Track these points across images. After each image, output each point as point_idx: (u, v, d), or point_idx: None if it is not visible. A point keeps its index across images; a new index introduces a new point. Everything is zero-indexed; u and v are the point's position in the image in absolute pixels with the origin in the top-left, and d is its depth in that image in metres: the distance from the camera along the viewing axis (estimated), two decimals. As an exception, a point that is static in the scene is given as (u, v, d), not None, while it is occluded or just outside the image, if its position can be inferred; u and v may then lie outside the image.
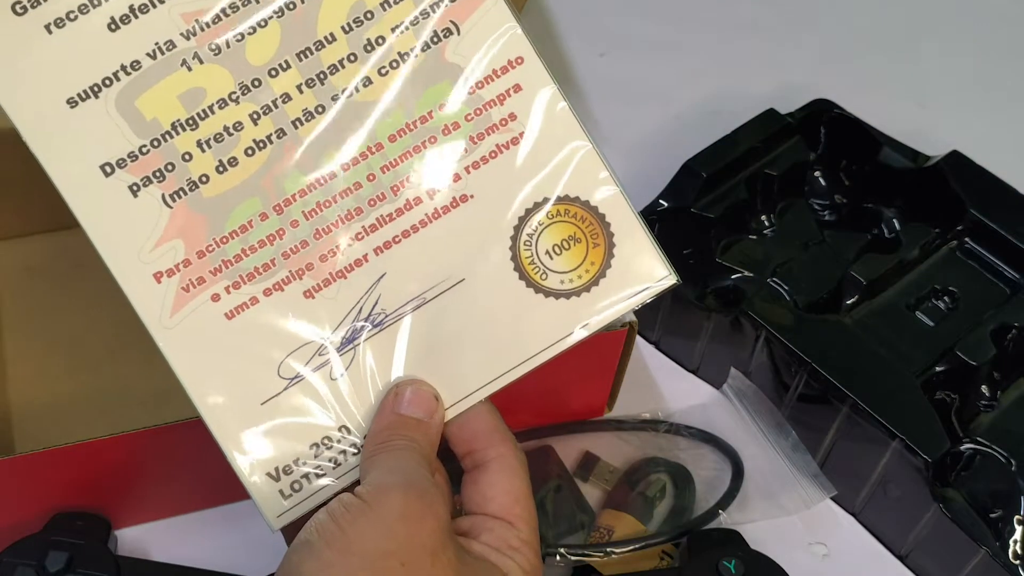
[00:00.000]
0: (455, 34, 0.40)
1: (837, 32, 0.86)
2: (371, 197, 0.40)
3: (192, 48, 0.39)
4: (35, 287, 0.63)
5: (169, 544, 0.52)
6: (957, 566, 0.53)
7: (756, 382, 0.59)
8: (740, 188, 0.65)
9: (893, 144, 0.67)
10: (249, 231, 0.39)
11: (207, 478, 0.52)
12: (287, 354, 0.39)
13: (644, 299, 0.41)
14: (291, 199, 0.39)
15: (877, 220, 0.67)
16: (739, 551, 0.50)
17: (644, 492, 0.56)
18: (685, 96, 0.79)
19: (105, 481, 0.50)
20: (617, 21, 0.83)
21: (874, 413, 0.53)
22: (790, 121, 0.68)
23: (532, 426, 0.59)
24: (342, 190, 0.40)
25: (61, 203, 0.38)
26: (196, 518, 0.53)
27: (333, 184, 0.39)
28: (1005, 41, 0.87)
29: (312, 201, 0.39)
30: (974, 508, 0.54)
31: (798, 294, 0.61)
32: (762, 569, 0.50)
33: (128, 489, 0.51)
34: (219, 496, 0.54)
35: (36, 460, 0.46)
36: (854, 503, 0.57)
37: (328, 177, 0.40)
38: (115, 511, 0.51)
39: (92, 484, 0.49)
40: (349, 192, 0.40)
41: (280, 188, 0.39)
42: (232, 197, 0.39)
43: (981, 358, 0.57)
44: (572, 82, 0.78)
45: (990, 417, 0.58)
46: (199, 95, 0.39)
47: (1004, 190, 0.65)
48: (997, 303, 0.61)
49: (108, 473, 0.49)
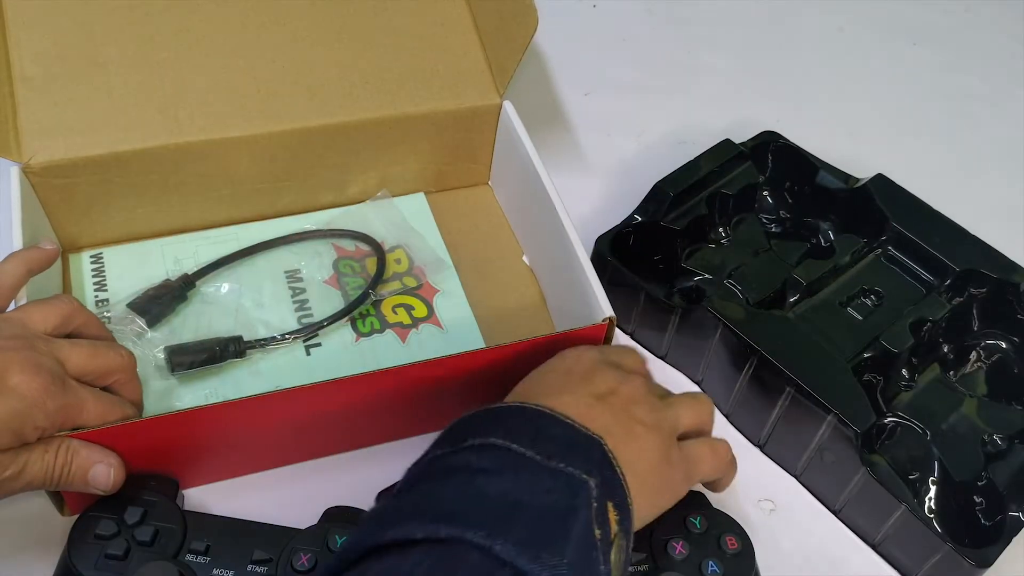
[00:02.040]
0: None
1: (782, 76, 0.86)
2: None
3: None
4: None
5: (228, 500, 0.52)
6: (882, 519, 0.53)
7: (714, 367, 0.59)
8: (701, 205, 0.65)
9: (828, 168, 0.67)
10: None
11: (261, 445, 0.52)
12: None
13: None
14: None
15: (815, 232, 0.67)
16: (703, 509, 0.50)
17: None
18: (655, 128, 0.79)
19: (174, 449, 0.50)
20: (599, 66, 0.83)
21: (813, 392, 0.53)
22: (743, 149, 0.68)
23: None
24: None
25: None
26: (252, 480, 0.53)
27: None
28: (920, 84, 0.87)
29: None
30: (896, 471, 0.54)
31: (749, 293, 0.61)
32: (722, 524, 0.50)
33: (194, 455, 0.51)
34: (271, 461, 0.54)
35: (117, 432, 0.46)
36: (796, 467, 0.57)
37: None
38: (182, 473, 0.51)
39: (163, 451, 0.49)
40: None
41: None
42: None
43: (901, 346, 0.57)
44: (561, 117, 0.78)
45: (909, 395, 0.58)
46: None
47: (921, 207, 0.65)
48: (915, 301, 0.61)
49: (175, 442, 0.49)
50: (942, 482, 0.54)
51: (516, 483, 0.38)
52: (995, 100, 0.87)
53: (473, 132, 0.66)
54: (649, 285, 0.60)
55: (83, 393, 0.45)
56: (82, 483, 0.45)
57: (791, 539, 0.55)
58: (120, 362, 0.48)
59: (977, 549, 0.49)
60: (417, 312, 0.61)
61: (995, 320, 0.62)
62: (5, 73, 0.56)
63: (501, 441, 0.40)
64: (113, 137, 0.57)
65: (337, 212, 0.65)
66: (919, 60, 0.90)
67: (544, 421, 0.42)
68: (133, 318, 0.57)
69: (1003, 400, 0.59)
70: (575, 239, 0.57)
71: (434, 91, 0.63)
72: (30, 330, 0.45)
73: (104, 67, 0.58)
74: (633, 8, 0.90)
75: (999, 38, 0.93)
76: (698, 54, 0.87)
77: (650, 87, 0.83)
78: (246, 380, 0.56)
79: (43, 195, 0.57)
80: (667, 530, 0.49)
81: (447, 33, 0.65)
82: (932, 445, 0.55)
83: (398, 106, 0.62)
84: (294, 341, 0.58)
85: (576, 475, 0.39)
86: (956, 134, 0.83)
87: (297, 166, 0.62)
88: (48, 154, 0.55)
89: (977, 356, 0.61)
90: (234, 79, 0.59)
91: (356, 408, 0.51)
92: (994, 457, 0.55)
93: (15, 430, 0.41)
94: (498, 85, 0.65)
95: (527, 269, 0.66)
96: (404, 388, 0.51)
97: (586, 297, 0.55)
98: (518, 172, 0.64)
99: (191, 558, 0.46)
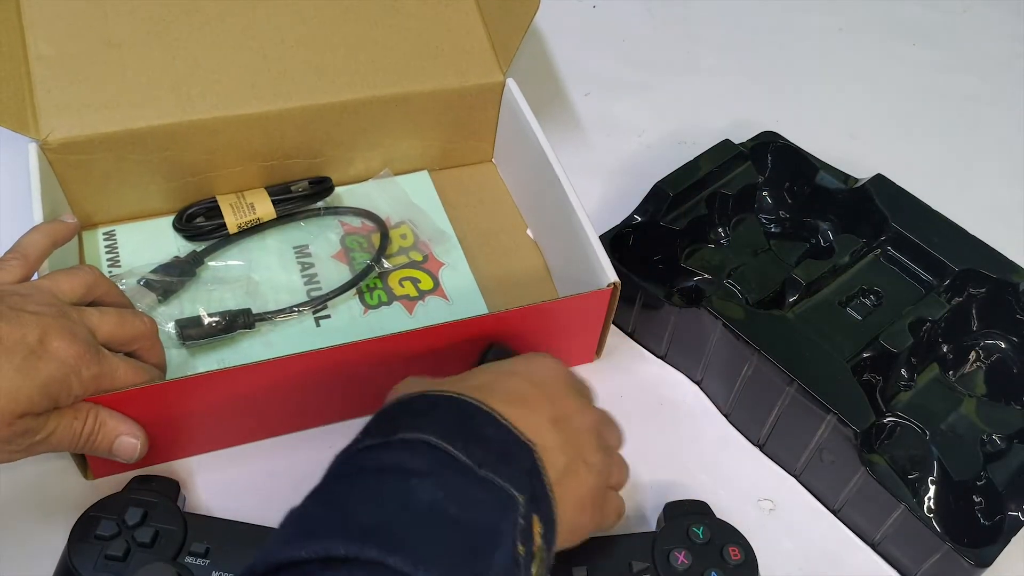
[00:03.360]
0: None
1: (782, 76, 0.86)
2: None
3: None
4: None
5: (229, 503, 0.52)
6: (881, 518, 0.53)
7: (714, 367, 0.59)
8: (701, 205, 0.65)
9: (828, 169, 0.67)
10: None
11: (275, 409, 0.53)
12: None
13: None
14: None
15: (815, 232, 0.67)
16: (707, 519, 0.50)
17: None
18: (655, 129, 0.79)
19: (191, 414, 0.51)
20: (599, 67, 0.83)
21: (812, 392, 0.53)
22: (742, 149, 0.68)
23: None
24: None
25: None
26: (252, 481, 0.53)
27: None
28: (920, 84, 0.87)
29: None
30: (895, 470, 0.54)
31: (749, 293, 0.61)
32: (725, 534, 0.49)
33: (211, 421, 0.52)
34: (283, 426, 0.55)
35: (143, 394, 0.47)
36: (795, 467, 0.57)
37: None
38: (197, 439, 0.52)
39: (182, 416, 0.50)
40: None
41: None
42: None
43: (900, 346, 0.57)
44: (561, 117, 0.78)
45: (908, 395, 0.58)
46: None
47: (920, 207, 0.65)
48: (914, 301, 0.61)
49: (194, 406, 0.50)
50: (941, 482, 0.54)
51: (447, 491, 0.36)
52: (995, 100, 0.87)
53: (477, 110, 0.67)
54: (649, 285, 0.60)
55: (115, 361, 0.46)
56: (106, 451, 0.47)
57: (790, 539, 0.55)
58: (144, 328, 0.49)
59: (976, 549, 0.49)
60: (423, 285, 0.63)
61: (994, 320, 0.62)
62: (21, 52, 0.57)
63: (435, 440, 0.38)
64: (127, 115, 0.58)
65: (342, 191, 0.67)
66: (919, 60, 0.90)
67: (480, 420, 0.40)
68: (145, 293, 0.58)
69: (1002, 400, 0.59)
70: (579, 209, 0.58)
71: (438, 69, 0.65)
72: (59, 299, 0.46)
73: (117, 47, 0.59)
74: (633, 8, 0.90)
75: (999, 38, 0.93)
76: (698, 54, 0.87)
77: (650, 87, 0.83)
78: (257, 351, 0.58)
79: (60, 172, 0.58)
80: (670, 540, 0.49)
81: (450, 12, 0.66)
82: (931, 445, 0.55)
83: (403, 84, 0.64)
84: (303, 312, 0.59)
85: (506, 490, 0.38)
86: (956, 134, 0.83)
87: (306, 143, 0.64)
88: (65, 131, 0.57)
89: (976, 356, 0.61)
90: (244, 58, 0.61)
91: (362, 375, 0.52)
92: (993, 457, 0.55)
93: (52, 395, 0.42)
94: (501, 63, 0.66)
95: (531, 242, 0.67)
96: (410, 353, 0.52)
97: (591, 265, 0.56)
98: (522, 148, 0.65)
99: (191, 560, 0.46)
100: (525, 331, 0.54)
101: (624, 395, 0.60)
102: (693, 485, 0.56)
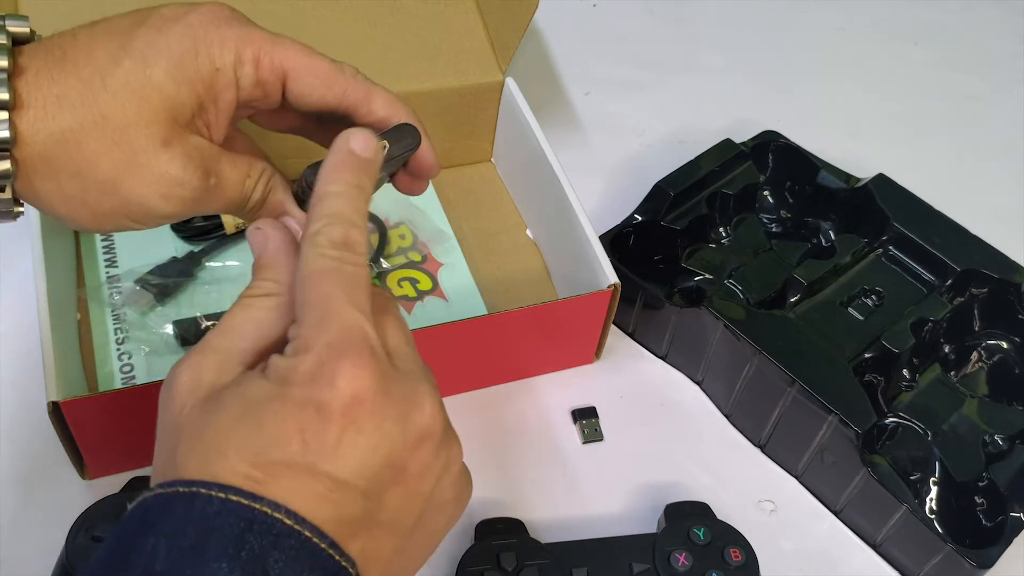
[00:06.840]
0: None
1: (782, 76, 0.86)
2: None
3: None
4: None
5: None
6: (883, 520, 0.53)
7: (714, 367, 0.59)
8: (702, 205, 0.65)
9: (829, 168, 0.67)
10: None
11: None
12: None
13: None
14: None
15: (816, 231, 0.67)
16: (707, 520, 0.50)
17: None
18: (656, 128, 0.79)
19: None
20: (599, 66, 0.83)
21: (814, 392, 0.53)
22: (743, 149, 0.68)
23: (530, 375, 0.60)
24: None
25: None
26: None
27: None
28: (920, 84, 0.87)
29: None
30: (897, 471, 0.54)
31: (750, 293, 0.61)
32: (726, 536, 0.49)
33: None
34: None
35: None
36: (797, 467, 0.57)
37: None
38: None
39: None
40: None
41: None
42: None
43: (902, 346, 0.57)
44: (561, 117, 0.78)
45: (910, 395, 0.58)
46: None
47: (922, 207, 0.65)
48: (916, 301, 0.61)
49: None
50: (943, 483, 0.54)
51: None
52: (995, 100, 0.87)
53: (476, 109, 0.67)
54: (649, 285, 0.60)
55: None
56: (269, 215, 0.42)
57: (792, 539, 0.55)
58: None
59: (978, 550, 0.49)
60: (422, 285, 0.63)
61: (996, 320, 0.61)
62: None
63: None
64: None
65: None
66: (919, 60, 0.90)
67: (287, 542, 0.28)
68: (142, 294, 0.58)
69: (1004, 400, 0.59)
70: (579, 210, 0.58)
71: (438, 69, 0.65)
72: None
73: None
74: (633, 8, 0.90)
75: (1001, 37, 0.93)
76: (698, 54, 0.87)
77: (650, 87, 0.82)
78: None
79: None
80: (671, 541, 0.49)
81: (450, 12, 0.66)
82: (933, 446, 0.55)
83: (402, 83, 0.63)
84: None
85: None
86: (957, 134, 0.83)
87: (305, 143, 0.63)
88: None
89: (978, 356, 0.61)
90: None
91: None
92: (995, 458, 0.55)
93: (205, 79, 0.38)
94: (500, 62, 0.66)
95: (531, 242, 0.67)
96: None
97: (591, 266, 0.56)
98: (521, 147, 0.65)
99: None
100: (525, 332, 0.54)
101: (624, 396, 0.60)
102: (694, 486, 0.56)
